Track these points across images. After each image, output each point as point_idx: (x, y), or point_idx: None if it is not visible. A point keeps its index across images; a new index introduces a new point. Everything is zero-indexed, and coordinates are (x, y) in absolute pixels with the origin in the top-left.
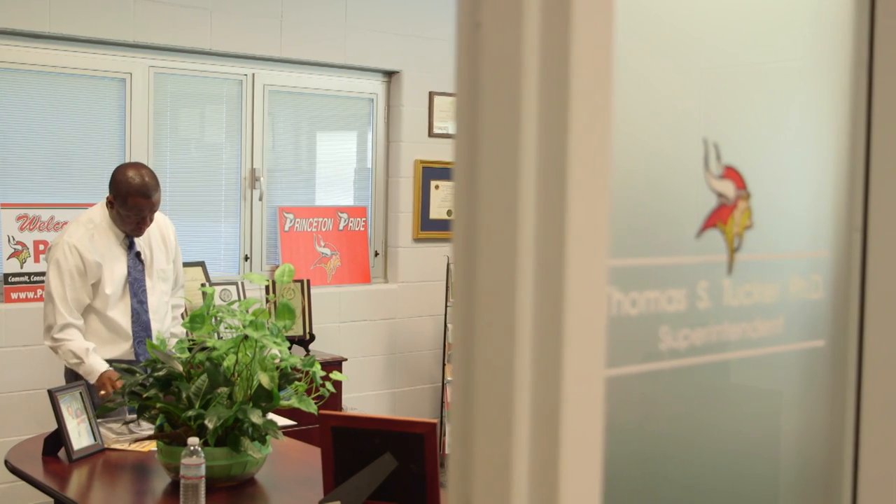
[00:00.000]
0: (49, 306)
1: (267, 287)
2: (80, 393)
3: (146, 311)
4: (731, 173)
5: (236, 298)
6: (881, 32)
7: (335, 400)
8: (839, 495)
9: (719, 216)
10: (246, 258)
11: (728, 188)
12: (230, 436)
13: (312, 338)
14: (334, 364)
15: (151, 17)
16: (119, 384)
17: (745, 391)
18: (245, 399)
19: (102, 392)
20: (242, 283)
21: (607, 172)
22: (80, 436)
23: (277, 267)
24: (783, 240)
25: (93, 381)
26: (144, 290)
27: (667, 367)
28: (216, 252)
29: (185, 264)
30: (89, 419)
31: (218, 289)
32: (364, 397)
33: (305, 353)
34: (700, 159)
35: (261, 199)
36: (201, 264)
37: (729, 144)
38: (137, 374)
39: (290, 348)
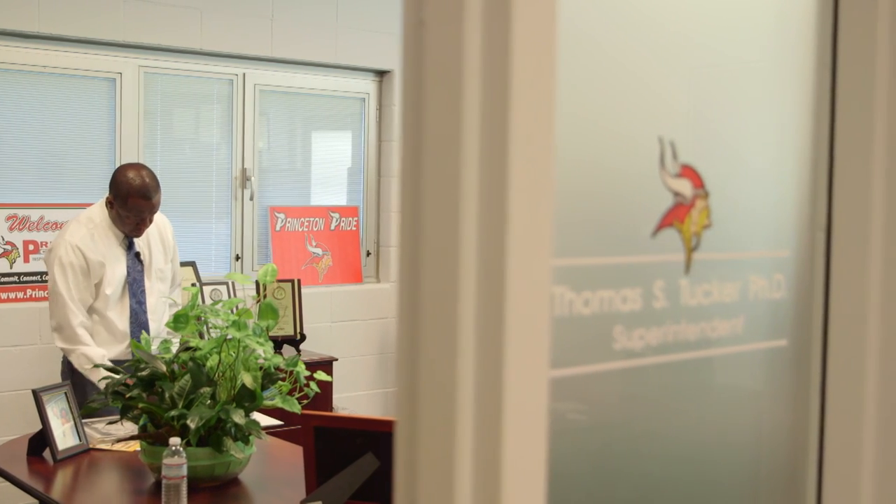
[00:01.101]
0: (57, 307)
1: (257, 286)
2: (66, 393)
3: (145, 312)
4: (689, 172)
5: (226, 298)
6: (844, 32)
7: (326, 400)
8: (803, 495)
9: (676, 215)
10: (237, 258)
11: (685, 187)
12: (213, 436)
13: (303, 337)
14: (325, 364)
15: (141, 16)
16: None
17: (705, 391)
18: (228, 399)
19: None
20: (233, 283)
21: (550, 173)
22: (64, 436)
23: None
24: (743, 239)
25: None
26: (143, 291)
27: (621, 367)
28: (207, 252)
29: None
30: (74, 419)
31: (208, 289)
32: (356, 397)
33: (296, 352)
34: (656, 158)
35: (251, 198)
36: (192, 264)
37: (686, 143)
38: (121, 374)
39: (280, 348)
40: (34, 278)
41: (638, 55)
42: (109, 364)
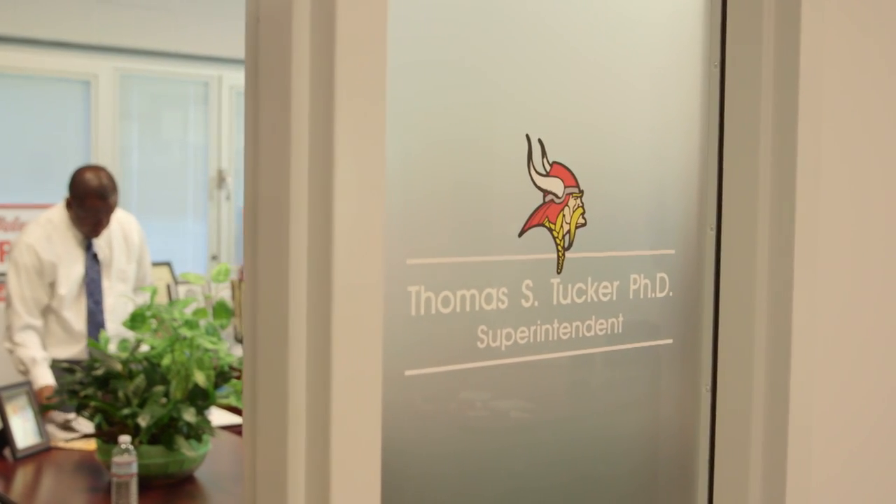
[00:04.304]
0: (9, 308)
1: (232, 286)
2: (27, 392)
3: (101, 312)
4: (560, 170)
5: (201, 298)
6: (733, 32)
7: None
8: (694, 490)
9: (546, 214)
10: (213, 258)
11: (556, 185)
12: (165, 434)
13: None
14: None
15: (116, 19)
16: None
17: (582, 391)
18: (182, 398)
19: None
20: (209, 283)
21: (381, 174)
22: (25, 434)
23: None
24: (623, 238)
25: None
26: (101, 291)
27: (486, 366)
28: (184, 252)
29: (152, 264)
30: (35, 418)
31: (183, 288)
32: None
33: None
34: (524, 156)
35: (228, 198)
36: (168, 264)
37: (557, 141)
38: (77, 373)
39: None
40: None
41: (502, 51)
42: (43, 371)
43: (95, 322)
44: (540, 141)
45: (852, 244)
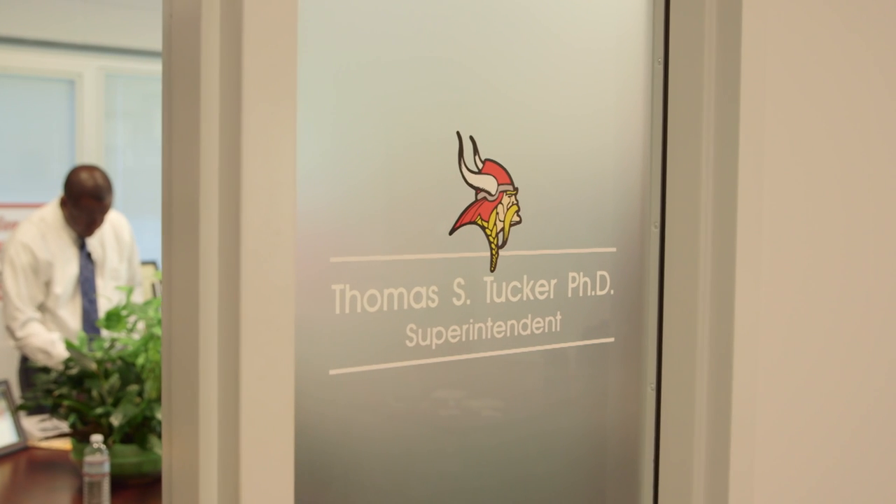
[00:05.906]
0: (8, 307)
1: None
2: (3, 392)
3: (96, 311)
4: (494, 168)
5: None
6: (676, 28)
7: None
8: (639, 488)
9: (478, 212)
10: None
11: (489, 183)
12: (138, 433)
13: None
14: None
15: (101, 18)
16: None
17: (518, 389)
18: (157, 397)
19: None
20: None
21: (291, 174)
22: (1, 434)
23: None
24: (560, 236)
25: None
26: (95, 290)
27: (415, 365)
28: None
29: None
30: (12, 417)
31: None
32: None
33: None
34: (454, 154)
35: None
36: (154, 263)
37: (490, 138)
38: (52, 373)
39: None
40: None
41: (432, 46)
42: (62, 348)
43: (90, 321)
44: (472, 138)
45: (796, 241)
